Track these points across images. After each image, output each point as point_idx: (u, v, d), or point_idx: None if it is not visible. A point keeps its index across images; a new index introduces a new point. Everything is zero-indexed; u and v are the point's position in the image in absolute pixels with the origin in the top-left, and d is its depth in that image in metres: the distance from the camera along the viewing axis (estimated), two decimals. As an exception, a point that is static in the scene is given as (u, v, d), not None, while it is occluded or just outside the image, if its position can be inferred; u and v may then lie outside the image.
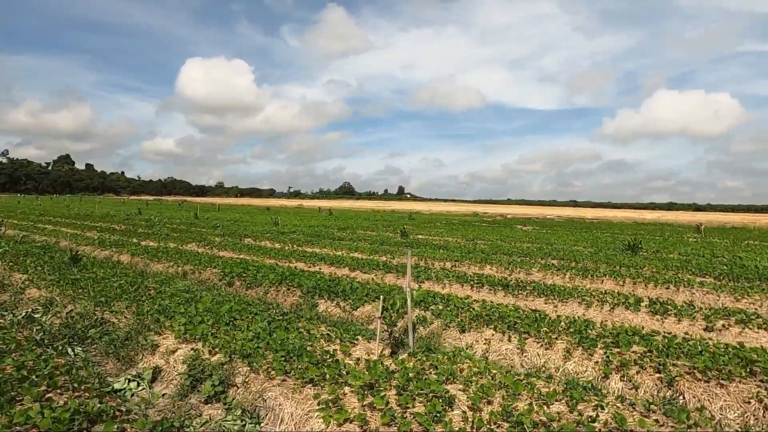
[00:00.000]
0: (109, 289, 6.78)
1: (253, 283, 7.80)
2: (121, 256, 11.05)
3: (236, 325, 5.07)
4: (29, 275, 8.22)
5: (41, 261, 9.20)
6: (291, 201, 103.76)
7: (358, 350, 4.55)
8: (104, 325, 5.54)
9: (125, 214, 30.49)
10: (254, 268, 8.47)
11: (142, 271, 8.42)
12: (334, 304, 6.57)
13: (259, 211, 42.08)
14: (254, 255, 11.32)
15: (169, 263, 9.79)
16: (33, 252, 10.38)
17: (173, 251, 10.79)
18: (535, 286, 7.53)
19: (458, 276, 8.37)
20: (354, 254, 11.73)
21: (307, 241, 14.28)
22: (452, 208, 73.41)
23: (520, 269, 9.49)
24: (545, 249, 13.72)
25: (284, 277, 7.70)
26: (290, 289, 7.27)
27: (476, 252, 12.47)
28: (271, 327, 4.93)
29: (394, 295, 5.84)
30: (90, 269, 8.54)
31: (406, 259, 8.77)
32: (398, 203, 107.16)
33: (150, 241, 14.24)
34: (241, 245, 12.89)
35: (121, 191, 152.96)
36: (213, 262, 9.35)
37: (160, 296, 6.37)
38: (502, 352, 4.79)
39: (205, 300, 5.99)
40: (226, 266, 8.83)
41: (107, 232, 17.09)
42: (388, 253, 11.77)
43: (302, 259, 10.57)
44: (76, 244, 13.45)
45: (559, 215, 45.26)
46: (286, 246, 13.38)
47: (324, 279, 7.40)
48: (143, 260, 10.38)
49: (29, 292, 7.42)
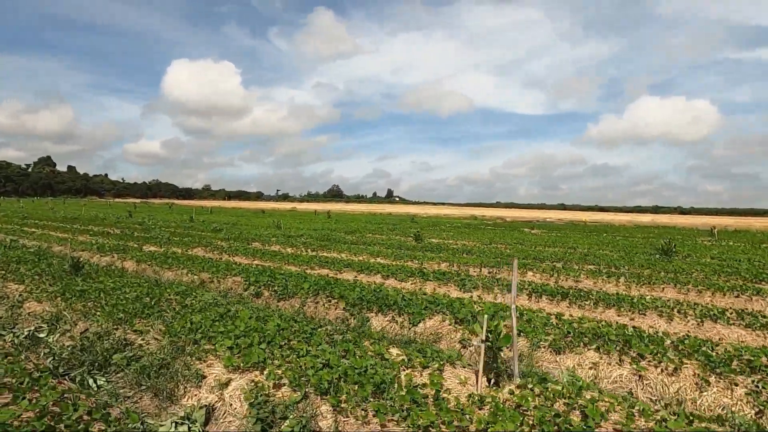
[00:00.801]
0: (124, 302, 5.87)
1: (284, 294, 6.94)
2: (124, 262, 10.06)
3: (293, 347, 4.24)
4: (26, 286, 7.25)
5: (38, 269, 8.21)
6: (283, 204, 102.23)
7: (450, 379, 3.76)
8: (129, 348, 4.65)
9: (115, 217, 29.19)
10: (282, 277, 7.61)
11: (156, 281, 7.50)
12: (388, 318, 5.76)
13: (254, 214, 40.91)
14: (271, 261, 10.44)
15: (182, 270, 8.86)
16: (26, 258, 9.36)
17: (184, 258, 9.85)
18: (599, 295, 6.83)
19: (507, 285, 7.63)
20: (377, 260, 10.93)
21: (321, 245, 13.42)
22: (446, 211, 72.87)
23: (566, 276, 8.80)
24: (572, 253, 13.09)
25: (320, 286, 6.86)
26: (331, 301, 6.44)
27: (505, 257, 11.76)
28: (337, 350, 4.12)
29: (481, 312, 5.08)
30: (95, 278, 7.59)
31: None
32: (391, 206, 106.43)
33: (151, 245, 13.23)
34: (252, 250, 11.98)
35: (104, 194, 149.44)
36: (231, 269, 8.46)
37: (186, 311, 5.50)
38: (614, 379, 4.05)
39: (243, 315, 5.14)
40: (250, 274, 7.95)
41: (101, 236, 15.99)
42: (414, 258, 10.99)
43: (325, 266, 9.73)
44: (71, 249, 12.38)
45: (560, 218, 45.05)
46: (299, 250, 12.51)
47: (368, 289, 6.58)
48: (151, 267, 9.42)
49: (28, 305, 6.46)
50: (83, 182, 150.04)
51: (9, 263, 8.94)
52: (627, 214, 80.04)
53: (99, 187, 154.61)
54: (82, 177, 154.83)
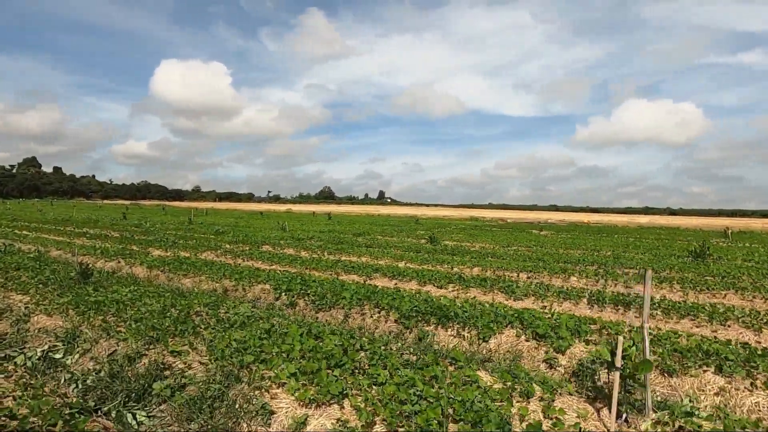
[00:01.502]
0: (149, 315, 5.17)
1: (323, 304, 6.28)
2: (134, 268, 9.30)
3: (368, 373, 3.60)
4: (31, 296, 6.50)
5: (42, 276, 7.45)
6: (278, 205, 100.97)
7: (567, 413, 3.16)
8: (168, 374, 3.97)
9: (109, 219, 28.17)
10: (316, 284, 6.95)
11: (177, 290, 6.79)
12: (452, 332, 5.14)
13: (251, 215, 39.98)
14: (291, 266, 9.76)
15: (200, 277, 8.15)
16: (27, 265, 8.57)
17: (200, 263, 9.11)
18: (668, 303, 6.29)
19: (560, 292, 7.06)
20: (402, 264, 10.30)
21: (338, 248, 12.75)
22: (443, 212, 72.43)
23: (613, 281, 8.26)
24: (600, 256, 12.59)
25: (363, 295, 6.22)
26: (380, 312, 5.79)
27: (533, 260, 11.22)
28: (422, 376, 3.49)
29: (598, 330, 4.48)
30: (108, 286, 6.86)
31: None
32: (386, 207, 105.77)
33: (156, 249, 12.46)
34: (268, 254, 11.28)
35: (92, 195, 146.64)
36: (257, 275, 7.77)
37: (223, 326, 4.83)
38: (750, 408, 3.47)
39: (292, 331, 4.49)
40: (279, 281, 7.28)
41: (100, 239, 15.14)
42: (443, 262, 10.39)
43: (351, 271, 9.08)
44: (72, 253, 11.56)
45: (561, 219, 44.81)
46: (316, 254, 11.83)
47: (419, 298, 5.94)
48: (164, 274, 8.69)
49: (37, 319, 5.73)
50: (70, 183, 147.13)
51: (8, 270, 8.16)
52: (623, 215, 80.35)
53: (86, 188, 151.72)
54: (69, 178, 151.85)
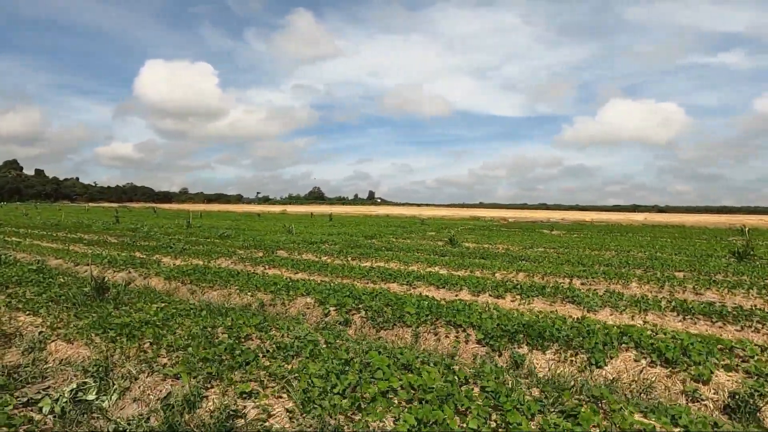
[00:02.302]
0: (196, 342, 4.35)
1: (384, 322, 5.52)
2: (149, 279, 8.41)
3: (508, 422, 2.86)
4: (43, 317, 5.62)
5: (50, 292, 6.55)
6: (273, 207, 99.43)
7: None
8: (244, 423, 3.17)
9: (101, 222, 26.92)
10: (368, 297, 6.17)
11: (209, 306, 5.95)
12: (553, 356, 4.42)
13: (248, 217, 38.89)
14: (320, 274, 8.96)
15: (229, 290, 7.31)
16: (28, 278, 7.64)
17: (224, 273, 8.24)
18: (764, 314, 5.66)
19: (636, 301, 6.40)
20: (438, 269, 9.58)
21: (361, 253, 11.96)
22: (439, 212, 71.90)
23: (681, 287, 7.64)
24: (636, 258, 12.02)
25: (431, 311, 5.47)
26: (457, 331, 5.05)
27: (572, 263, 10.58)
28: (576, 425, 2.76)
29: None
30: (130, 303, 6.01)
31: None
32: (383, 208, 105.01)
33: (163, 256, 11.54)
34: (290, 261, 10.45)
35: (77, 198, 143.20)
36: (294, 287, 6.96)
37: (286, 354, 4.04)
38: None
39: (377, 362, 3.73)
40: (321, 293, 6.49)
41: (98, 245, 14.13)
42: (482, 267, 9.68)
43: (389, 279, 8.31)
44: (74, 263, 10.59)
45: (563, 218, 44.57)
46: (340, 259, 11.04)
47: (505, 315, 5.20)
48: (186, 286, 7.83)
49: (54, 347, 4.87)
50: (54, 186, 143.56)
51: (8, 284, 7.23)
52: (616, 213, 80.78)
53: (70, 191, 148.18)
54: (52, 181, 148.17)
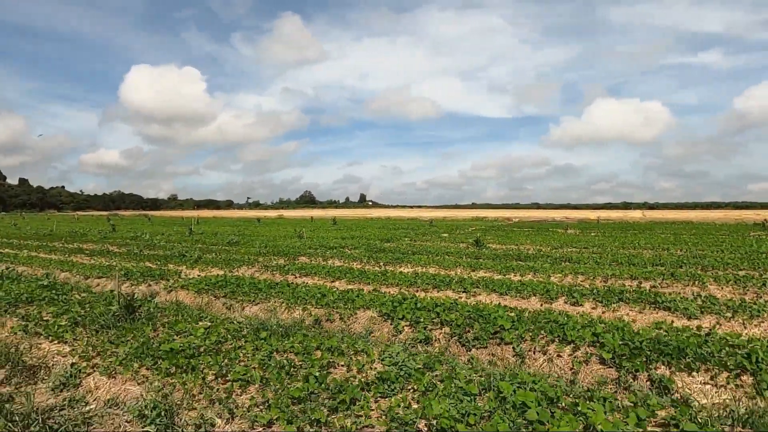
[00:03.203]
0: (275, 374, 3.55)
1: (474, 339, 4.75)
2: (176, 293, 7.53)
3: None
4: (70, 344, 4.76)
5: (72, 313, 5.67)
6: (268, 212, 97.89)
7: None
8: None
9: (97, 231, 25.74)
10: (443, 309, 5.40)
11: (267, 326, 5.12)
12: (704, 379, 3.69)
13: (247, 223, 37.81)
14: (360, 282, 8.15)
15: (272, 302, 6.48)
16: (40, 296, 6.72)
17: (263, 284, 7.36)
18: None
19: (731, 306, 5.72)
20: (480, 273, 8.85)
21: (394, 258, 11.17)
22: (437, 213, 71.28)
23: (762, 289, 7.00)
24: (673, 255, 11.42)
25: (534, 325, 4.71)
26: (572, 348, 4.29)
27: (620, 263, 9.92)
28: None
29: None
30: (170, 324, 5.17)
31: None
32: (378, 210, 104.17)
33: (179, 266, 10.66)
34: (318, 267, 9.62)
35: (63, 207, 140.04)
36: (352, 299, 6.15)
37: (389, 388, 3.26)
38: None
39: (520, 396, 2.96)
40: (383, 305, 5.69)
41: (102, 256, 13.16)
42: (527, 269, 8.96)
43: (439, 286, 7.54)
44: (83, 276, 9.64)
45: (566, 217, 44.21)
46: (367, 265, 10.25)
47: (621, 330, 4.46)
48: (221, 300, 6.97)
49: (93, 382, 4.02)
50: (39, 195, 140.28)
51: (17, 303, 6.32)
52: (611, 211, 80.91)
53: (56, 200, 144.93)
54: (37, 190, 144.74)
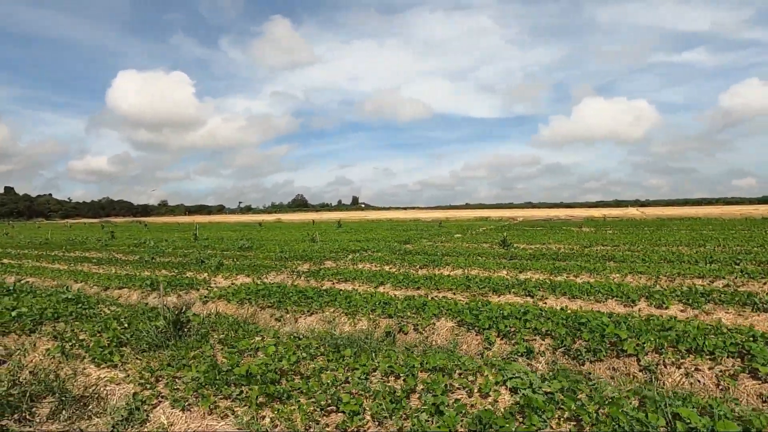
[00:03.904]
0: (393, 409, 2.95)
1: (587, 352, 4.18)
2: (214, 304, 6.85)
3: None
4: (120, 368, 4.11)
5: (111, 331, 5.00)
6: (266, 216, 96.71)
7: None
8: None
9: (95, 239, 24.79)
10: (535, 318, 4.82)
11: (341, 341, 4.50)
12: None
13: (250, 227, 36.97)
14: (402, 287, 7.55)
15: (326, 313, 5.85)
16: (67, 312, 6.02)
17: (311, 292, 6.72)
18: None
19: None
20: (528, 275, 8.32)
21: (429, 260, 10.57)
22: (438, 214, 70.85)
23: None
24: (716, 253, 11.01)
25: (653, 333, 4.15)
26: (713, 363, 3.74)
27: (669, 260, 9.46)
28: None
29: None
30: (228, 342, 4.53)
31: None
32: (377, 213, 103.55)
33: (199, 273, 9.99)
34: (359, 272, 9.01)
35: (51, 215, 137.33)
36: (419, 308, 5.55)
37: (547, 417, 2.68)
38: None
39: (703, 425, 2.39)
40: (462, 314, 5.11)
41: (112, 264, 12.40)
42: (590, 271, 8.45)
43: (502, 290, 6.98)
44: (101, 287, 8.92)
45: (570, 216, 44.03)
46: (402, 269, 9.65)
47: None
48: (267, 310, 6.32)
49: (164, 416, 3.42)
50: (26, 203, 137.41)
51: (42, 320, 5.62)
52: (604, 209, 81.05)
53: (44, 208, 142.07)
54: (24, 198, 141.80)
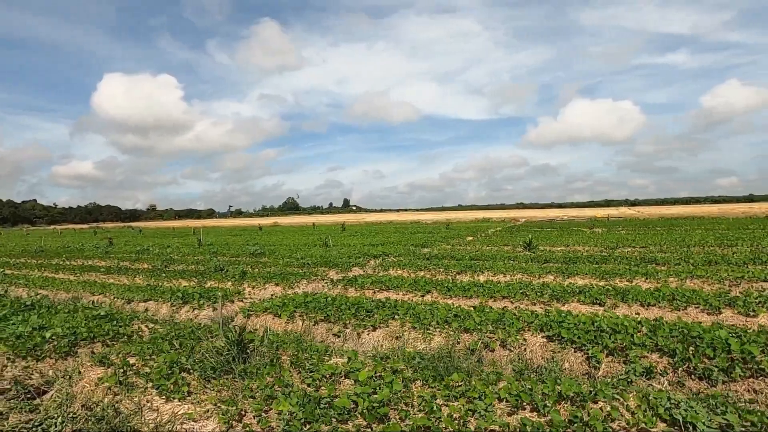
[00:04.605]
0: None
1: (720, 372, 3.76)
2: (258, 318, 6.30)
3: None
4: (195, 400, 3.57)
5: (166, 353, 4.45)
6: (262, 219, 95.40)
7: None
8: None
9: (93, 246, 23.91)
10: (633, 330, 4.40)
11: (439, 368, 4.02)
12: None
13: (249, 231, 36.18)
14: (457, 296, 7.09)
15: (388, 327, 5.36)
16: (103, 331, 5.43)
17: (368, 304, 6.21)
18: None
19: None
20: (576, 279, 7.93)
21: (469, 266, 10.13)
22: (433, 216, 70.57)
23: None
24: (760, 254, 10.76)
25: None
26: None
27: (726, 264, 9.16)
28: None
29: None
30: (301, 365, 4.03)
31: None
32: (373, 215, 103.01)
33: (220, 282, 9.44)
34: (402, 280, 8.52)
35: (37, 221, 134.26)
36: (492, 319, 5.10)
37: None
38: None
39: None
40: (552, 328, 4.66)
41: (119, 273, 11.72)
42: (645, 275, 8.07)
43: (566, 297, 6.56)
44: (125, 299, 8.31)
45: (571, 216, 44.04)
46: (436, 274, 9.20)
47: None
48: (321, 325, 5.81)
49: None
50: (11, 209, 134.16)
51: (76, 341, 5.05)
52: (605, 209, 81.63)
53: (29, 213, 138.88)
54: (9, 204, 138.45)
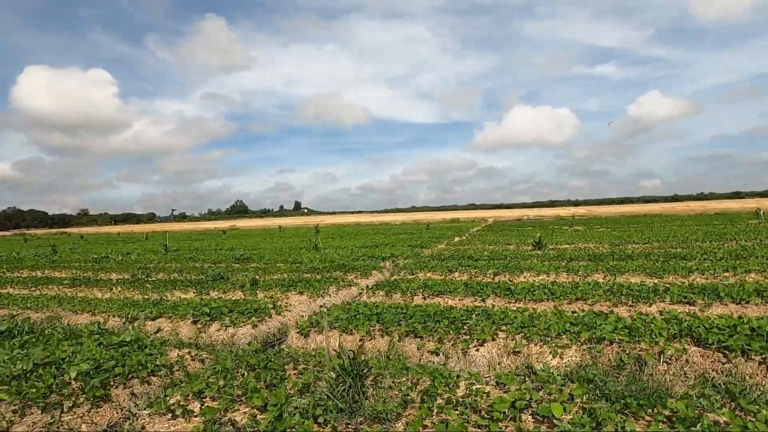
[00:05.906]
0: None
1: None
2: (341, 339, 5.24)
3: None
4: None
5: (254, 393, 3.40)
6: (219, 223, 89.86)
7: None
8: None
9: (33, 255, 20.96)
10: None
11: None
12: None
13: (210, 235, 33.72)
14: (500, 298, 6.44)
15: (492, 341, 4.57)
16: (133, 363, 4.22)
17: (460, 312, 5.34)
18: None
19: None
20: (623, 279, 7.59)
21: (505, 267, 9.51)
22: (388, 217, 70.25)
23: None
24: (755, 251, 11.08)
25: None
26: None
27: (753, 258, 9.21)
28: None
29: None
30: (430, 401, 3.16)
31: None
32: (327, 217, 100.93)
33: (227, 293, 8.20)
34: (437, 284, 7.73)
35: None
36: (623, 326, 4.46)
37: None
38: None
39: None
40: (711, 334, 4.09)
41: (90, 286, 10.02)
42: (687, 270, 7.85)
43: (650, 297, 6.09)
44: (124, 318, 6.85)
45: (537, 215, 45.25)
46: (472, 277, 8.54)
47: None
48: (412, 341, 4.88)
49: None
50: None
51: (107, 380, 3.84)
52: (549, 209, 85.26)
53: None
54: None
